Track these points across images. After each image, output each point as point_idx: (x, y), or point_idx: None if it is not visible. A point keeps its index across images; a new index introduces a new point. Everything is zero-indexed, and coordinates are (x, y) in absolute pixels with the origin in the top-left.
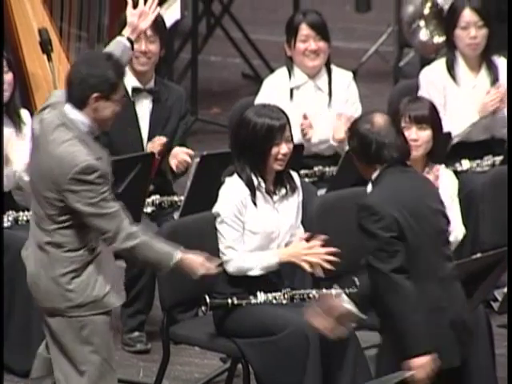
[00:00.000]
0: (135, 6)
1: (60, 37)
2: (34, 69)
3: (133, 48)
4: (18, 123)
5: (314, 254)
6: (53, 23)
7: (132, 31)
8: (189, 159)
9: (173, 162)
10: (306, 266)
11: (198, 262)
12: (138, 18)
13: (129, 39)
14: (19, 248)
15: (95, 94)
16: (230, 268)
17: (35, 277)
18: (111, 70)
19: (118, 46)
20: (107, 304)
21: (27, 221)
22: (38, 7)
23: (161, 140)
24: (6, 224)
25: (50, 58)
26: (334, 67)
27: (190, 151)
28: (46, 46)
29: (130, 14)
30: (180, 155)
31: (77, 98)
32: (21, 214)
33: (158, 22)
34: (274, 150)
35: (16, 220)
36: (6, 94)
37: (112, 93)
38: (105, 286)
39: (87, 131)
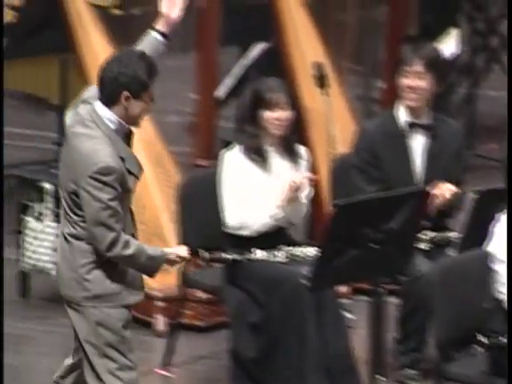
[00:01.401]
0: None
1: (335, 71)
2: (310, 103)
3: (166, 41)
4: (293, 157)
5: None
6: (327, 57)
7: (164, 23)
8: (448, 196)
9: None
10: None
11: (174, 254)
12: (170, 9)
13: (162, 33)
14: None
15: (125, 93)
16: None
17: (58, 266)
18: (143, 69)
19: (149, 41)
20: (124, 299)
21: (299, 256)
22: (314, 41)
23: (450, 190)
24: (279, 259)
25: (325, 93)
26: None
27: (456, 189)
28: (321, 80)
29: (164, 5)
30: (443, 188)
31: (107, 96)
32: (295, 249)
33: (431, 59)
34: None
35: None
36: (283, 129)
37: (142, 92)
38: (123, 281)
39: (115, 129)
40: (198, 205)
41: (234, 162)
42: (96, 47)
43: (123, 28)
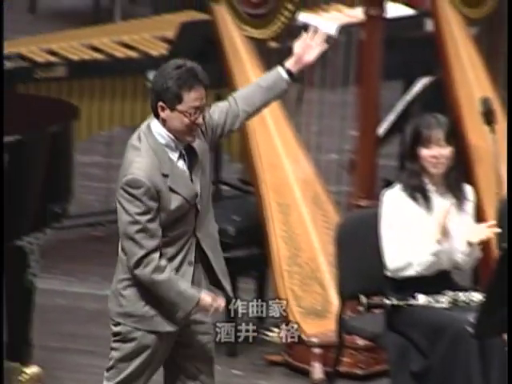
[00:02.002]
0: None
1: (503, 106)
2: (476, 140)
3: (292, 80)
4: (458, 196)
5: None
6: (495, 91)
7: (295, 62)
8: None
9: None
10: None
11: (209, 300)
12: (304, 50)
13: (289, 71)
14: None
15: (160, 103)
16: None
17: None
18: (174, 79)
19: (273, 75)
20: (154, 325)
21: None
22: (481, 74)
23: None
24: (442, 304)
25: (492, 130)
26: None
27: None
28: (488, 117)
29: (297, 45)
30: None
31: (151, 108)
32: (459, 294)
33: None
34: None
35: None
36: (441, 167)
37: (176, 103)
38: (157, 306)
39: (165, 143)
40: (358, 247)
41: (394, 200)
42: (251, 81)
43: (279, 61)
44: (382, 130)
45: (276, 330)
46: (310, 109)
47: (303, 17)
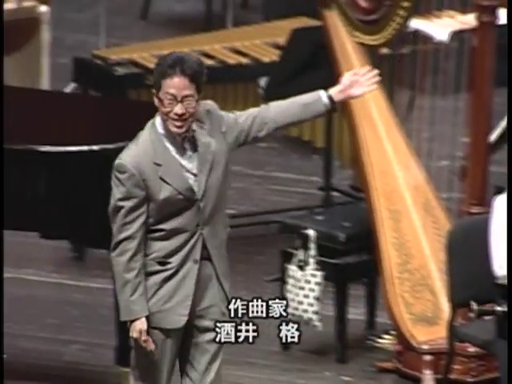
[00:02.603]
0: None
1: None
2: None
3: (332, 107)
4: None
5: None
6: None
7: (339, 92)
8: None
9: None
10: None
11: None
12: (352, 84)
13: (330, 97)
14: None
15: (153, 91)
16: None
17: None
18: (158, 67)
19: (313, 95)
20: (158, 322)
21: None
22: None
23: None
24: None
25: None
26: None
27: None
28: None
29: (347, 76)
30: None
31: None
32: None
33: None
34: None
35: None
36: None
37: (157, 91)
38: (162, 304)
39: (163, 133)
40: (469, 254)
41: (504, 207)
42: None
43: (391, 67)
44: (493, 136)
45: (387, 336)
46: (421, 115)
47: (415, 23)
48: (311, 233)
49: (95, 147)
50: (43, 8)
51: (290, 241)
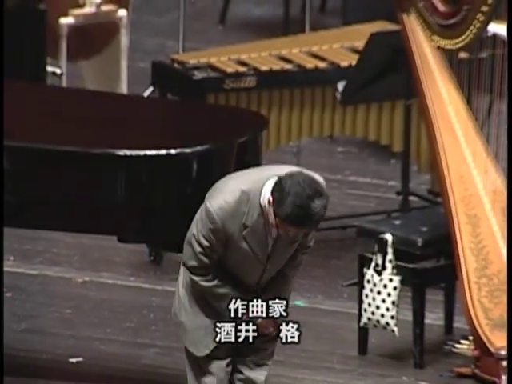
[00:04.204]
0: None
1: None
2: None
3: None
4: None
5: None
6: None
7: None
8: None
9: None
10: None
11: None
12: None
13: None
14: None
15: (271, 197)
16: None
17: None
18: (290, 202)
19: None
20: (183, 338)
21: None
22: None
23: None
24: None
25: None
26: None
27: None
28: None
29: None
30: None
31: None
32: None
33: None
34: None
35: None
36: None
37: (275, 214)
38: (193, 326)
39: (263, 206)
40: None
41: None
42: (441, 92)
43: (469, 71)
44: None
45: (464, 341)
46: (499, 119)
47: (493, 27)
48: (389, 237)
49: (173, 151)
50: (122, 12)
51: (367, 245)
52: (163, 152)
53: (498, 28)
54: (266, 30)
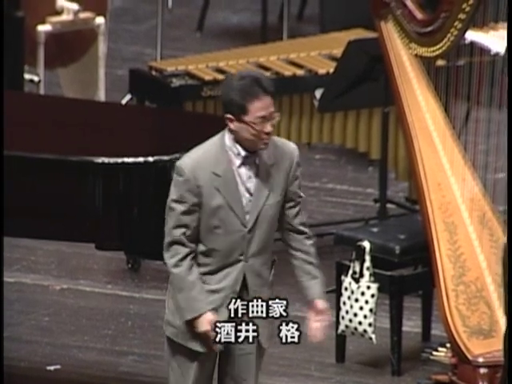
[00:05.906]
0: None
1: None
2: None
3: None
4: None
5: None
6: None
7: (313, 317)
8: None
9: None
10: None
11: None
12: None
13: (312, 302)
14: None
15: (227, 115)
16: None
17: None
18: (237, 90)
19: (314, 284)
20: (186, 340)
21: None
22: None
23: None
24: None
25: None
26: None
27: None
28: None
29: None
30: None
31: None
32: None
33: None
34: None
35: None
36: None
37: (241, 114)
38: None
39: (229, 146)
40: None
41: None
42: (418, 99)
43: (447, 79)
44: None
45: (442, 349)
46: (477, 127)
47: (471, 35)
48: (366, 245)
49: (150, 158)
50: (100, 20)
51: (345, 253)
52: (141, 160)
53: (476, 36)
54: (243, 37)
